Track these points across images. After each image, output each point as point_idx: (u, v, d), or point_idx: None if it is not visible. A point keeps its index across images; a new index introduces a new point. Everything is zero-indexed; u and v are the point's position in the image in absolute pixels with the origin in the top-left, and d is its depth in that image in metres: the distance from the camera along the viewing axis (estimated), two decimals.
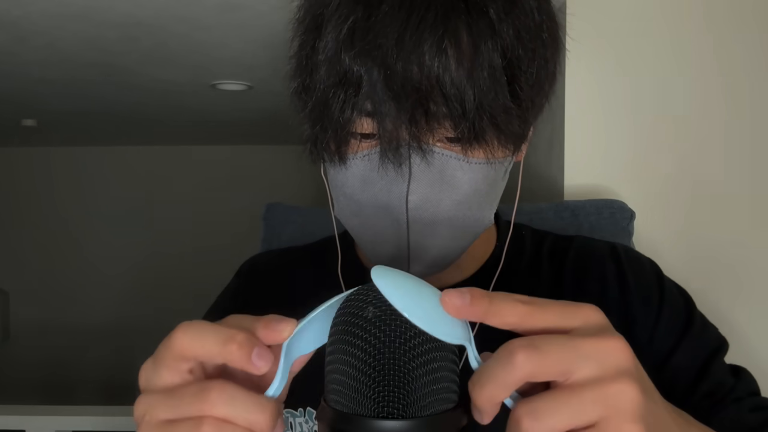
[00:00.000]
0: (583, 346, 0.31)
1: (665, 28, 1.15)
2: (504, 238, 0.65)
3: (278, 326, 0.35)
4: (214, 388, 0.33)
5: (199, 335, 0.34)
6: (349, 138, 0.50)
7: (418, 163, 0.48)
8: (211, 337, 0.34)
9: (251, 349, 0.33)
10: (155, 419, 0.34)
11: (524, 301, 0.33)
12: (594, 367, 0.31)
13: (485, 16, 0.46)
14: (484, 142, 0.48)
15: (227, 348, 0.33)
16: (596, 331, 0.33)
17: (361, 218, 0.54)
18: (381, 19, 0.45)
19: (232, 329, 0.34)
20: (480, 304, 0.32)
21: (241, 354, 0.33)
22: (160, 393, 0.35)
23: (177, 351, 0.34)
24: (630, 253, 0.66)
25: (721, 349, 0.60)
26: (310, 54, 0.50)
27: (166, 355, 0.35)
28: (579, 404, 0.30)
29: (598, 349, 0.31)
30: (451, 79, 0.45)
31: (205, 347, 0.34)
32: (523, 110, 0.48)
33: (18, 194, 4.03)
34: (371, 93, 0.46)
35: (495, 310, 0.32)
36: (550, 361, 0.31)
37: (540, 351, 0.31)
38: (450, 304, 0.32)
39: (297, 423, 0.61)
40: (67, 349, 3.91)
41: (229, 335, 0.34)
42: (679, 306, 0.62)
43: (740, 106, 1.15)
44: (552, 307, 0.33)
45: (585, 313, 0.34)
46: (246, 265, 0.76)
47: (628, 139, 1.16)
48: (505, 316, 0.33)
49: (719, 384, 0.57)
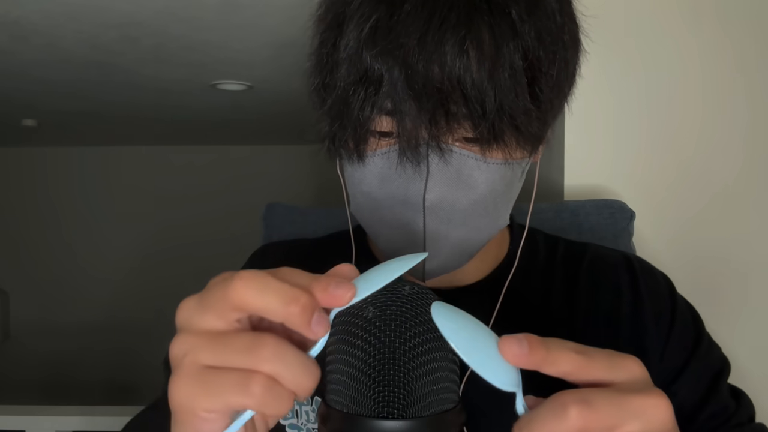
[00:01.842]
0: (632, 404, 0.32)
1: (666, 27, 1.15)
2: (517, 240, 0.66)
3: (338, 291, 0.33)
4: (267, 344, 0.31)
5: (262, 289, 0.32)
6: (368, 136, 0.50)
7: (436, 162, 0.49)
8: (274, 293, 0.32)
9: (312, 313, 0.32)
10: (198, 362, 0.32)
11: (578, 351, 0.33)
12: (640, 425, 0.32)
13: (507, 18, 0.46)
14: (503, 143, 0.48)
15: (289, 308, 0.32)
16: (640, 386, 0.33)
17: (378, 215, 0.54)
18: (403, 19, 0.45)
19: (294, 289, 0.32)
20: (538, 354, 0.32)
21: (303, 318, 0.32)
22: (206, 336, 0.33)
23: (235, 301, 0.32)
24: (644, 265, 0.66)
25: (724, 370, 0.61)
26: (331, 51, 0.49)
27: (220, 302, 0.33)
28: None
29: (644, 407, 0.32)
30: (472, 80, 0.45)
31: (267, 303, 0.32)
32: (542, 112, 0.49)
33: (18, 194, 4.03)
34: (392, 92, 0.46)
35: (552, 360, 0.33)
36: (600, 417, 0.31)
37: (592, 407, 0.31)
38: (509, 352, 0.32)
39: (303, 411, 0.61)
40: (67, 349, 3.91)
41: (294, 296, 0.32)
42: (689, 323, 0.62)
43: (741, 106, 1.15)
44: (602, 360, 0.34)
45: (630, 366, 0.34)
46: (259, 251, 0.76)
47: (628, 139, 1.16)
48: (560, 365, 0.33)
49: (723, 408, 0.58)
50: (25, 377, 3.84)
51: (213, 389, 0.31)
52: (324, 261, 0.68)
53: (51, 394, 3.85)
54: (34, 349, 3.92)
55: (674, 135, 1.16)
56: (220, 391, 0.31)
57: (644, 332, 0.60)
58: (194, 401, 0.32)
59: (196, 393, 0.32)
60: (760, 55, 1.15)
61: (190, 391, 0.32)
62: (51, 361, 3.91)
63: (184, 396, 0.32)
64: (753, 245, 1.15)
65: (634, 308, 0.61)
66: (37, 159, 4.03)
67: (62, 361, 3.90)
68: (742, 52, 1.15)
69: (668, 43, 1.15)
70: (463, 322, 0.34)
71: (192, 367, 0.32)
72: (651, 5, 1.16)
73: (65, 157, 4.02)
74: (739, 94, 1.15)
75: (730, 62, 1.15)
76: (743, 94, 1.15)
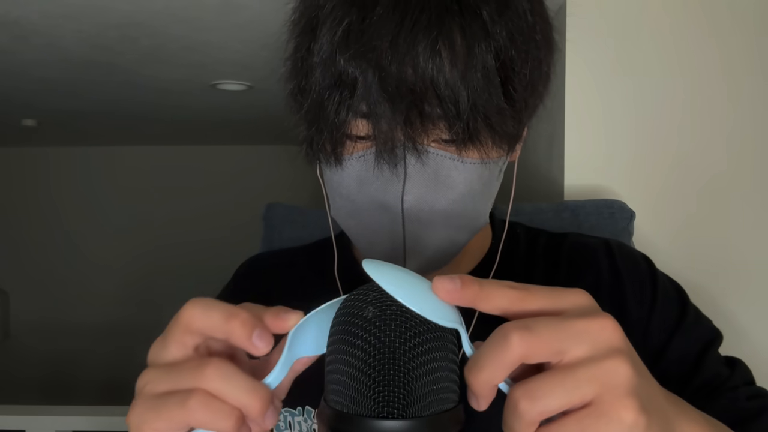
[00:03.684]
0: (574, 326, 0.32)
1: (665, 28, 1.15)
2: (499, 236, 0.66)
3: (285, 315, 0.36)
4: (210, 363, 0.33)
5: (206, 309, 0.35)
6: (344, 139, 0.50)
7: (413, 164, 0.49)
8: (217, 311, 0.35)
9: (253, 328, 0.34)
10: (153, 391, 0.34)
11: (514, 287, 0.34)
12: (586, 346, 0.31)
13: (479, 18, 0.46)
14: (479, 143, 0.48)
15: (230, 323, 0.34)
16: (586, 312, 0.33)
17: (358, 218, 0.54)
18: (375, 22, 0.45)
19: (239, 308, 0.35)
20: (470, 288, 0.33)
21: (243, 332, 0.34)
22: (163, 367, 0.35)
23: (183, 323, 0.35)
24: (623, 248, 0.66)
25: (715, 340, 0.61)
26: (306, 56, 0.50)
27: (174, 329, 0.35)
28: (574, 383, 0.31)
29: (589, 329, 0.32)
30: (445, 81, 0.45)
31: (210, 320, 0.35)
32: (516, 111, 0.49)
33: (18, 194, 4.03)
34: (366, 95, 0.46)
35: (485, 295, 0.33)
36: (543, 342, 0.31)
37: (533, 332, 0.31)
38: (441, 288, 0.33)
39: (296, 422, 0.61)
40: (67, 349, 3.91)
41: (234, 312, 0.34)
42: (673, 299, 0.62)
43: (740, 106, 1.15)
44: (541, 292, 0.34)
45: (573, 296, 0.34)
46: (243, 266, 0.76)
47: (628, 139, 1.16)
48: (495, 300, 0.33)
49: (715, 375, 0.58)
50: (25, 377, 3.83)
51: (158, 409, 0.34)
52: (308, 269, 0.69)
53: (51, 394, 3.85)
54: (34, 348, 3.91)
55: (674, 135, 1.16)
56: (164, 410, 0.33)
57: (627, 311, 0.60)
58: (144, 423, 0.34)
59: (146, 416, 0.34)
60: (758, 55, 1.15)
61: (142, 416, 0.34)
62: (51, 361, 3.90)
63: (136, 421, 0.34)
64: (753, 244, 1.15)
65: (616, 291, 0.61)
66: (38, 159, 4.03)
67: (62, 361, 3.90)
68: (740, 53, 1.15)
69: (668, 44, 1.15)
70: (397, 272, 0.36)
71: (148, 395, 0.35)
72: (651, 5, 1.16)
73: (65, 157, 4.02)
74: (740, 93, 1.15)
75: (731, 62, 1.15)
76: (744, 94, 1.15)
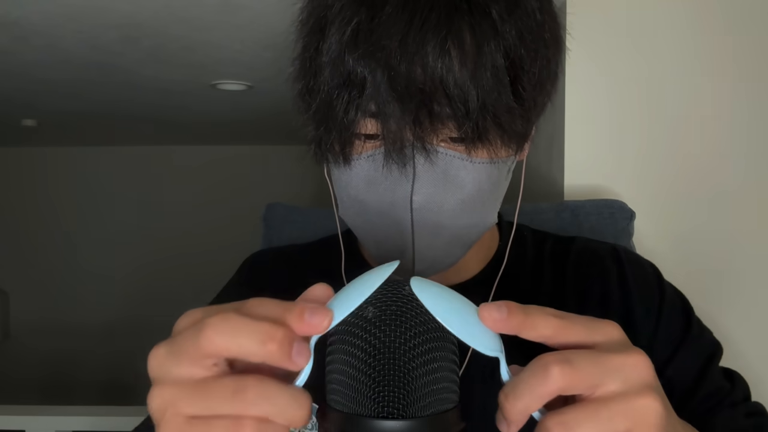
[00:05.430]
0: (611, 362, 0.33)
1: (666, 28, 1.15)
2: (506, 238, 0.66)
3: (314, 319, 0.32)
4: (251, 387, 0.30)
5: (233, 333, 0.31)
6: (353, 139, 0.50)
7: (422, 163, 0.49)
8: (247, 336, 0.31)
9: (291, 346, 0.31)
10: (182, 414, 0.31)
11: (556, 315, 0.34)
12: (620, 381, 0.32)
13: (488, 17, 0.46)
14: (488, 142, 0.48)
15: (266, 348, 0.31)
16: (620, 346, 0.34)
17: (366, 218, 0.54)
18: (384, 21, 0.45)
19: (267, 325, 0.31)
20: (516, 318, 0.33)
21: (282, 353, 0.31)
22: (185, 386, 0.31)
23: (208, 349, 0.31)
24: (631, 256, 0.66)
25: (716, 354, 0.62)
26: (314, 56, 0.50)
27: (192, 350, 0.31)
28: (607, 416, 0.32)
29: (624, 365, 0.33)
30: (454, 80, 0.45)
31: (243, 346, 0.31)
32: (525, 110, 0.49)
33: (18, 194, 4.03)
34: (375, 94, 0.46)
35: (530, 323, 0.33)
36: (582, 376, 0.32)
37: (574, 366, 0.32)
38: (489, 317, 0.33)
39: None
40: (67, 349, 3.91)
41: (268, 334, 0.31)
42: (678, 310, 0.63)
43: (741, 106, 1.15)
44: (581, 323, 0.35)
45: (608, 328, 0.35)
46: (248, 261, 0.76)
47: (628, 139, 1.16)
48: (539, 329, 0.34)
49: (717, 389, 0.59)
50: (25, 377, 3.83)
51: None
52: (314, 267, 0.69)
53: (51, 394, 3.85)
54: (34, 348, 3.91)
55: (674, 135, 1.16)
56: None
57: (634, 321, 0.61)
58: None
59: None
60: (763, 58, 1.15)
61: None
62: (51, 361, 3.90)
63: None
64: (753, 244, 1.15)
65: (623, 298, 0.62)
66: (37, 159, 4.02)
67: (62, 361, 3.90)
68: (745, 54, 1.15)
69: (669, 44, 1.15)
70: (443, 293, 0.35)
71: (176, 420, 0.31)
72: (654, 5, 1.16)
73: (65, 157, 4.01)
74: (740, 94, 1.15)
75: (731, 62, 1.15)
76: (744, 95, 1.15)
